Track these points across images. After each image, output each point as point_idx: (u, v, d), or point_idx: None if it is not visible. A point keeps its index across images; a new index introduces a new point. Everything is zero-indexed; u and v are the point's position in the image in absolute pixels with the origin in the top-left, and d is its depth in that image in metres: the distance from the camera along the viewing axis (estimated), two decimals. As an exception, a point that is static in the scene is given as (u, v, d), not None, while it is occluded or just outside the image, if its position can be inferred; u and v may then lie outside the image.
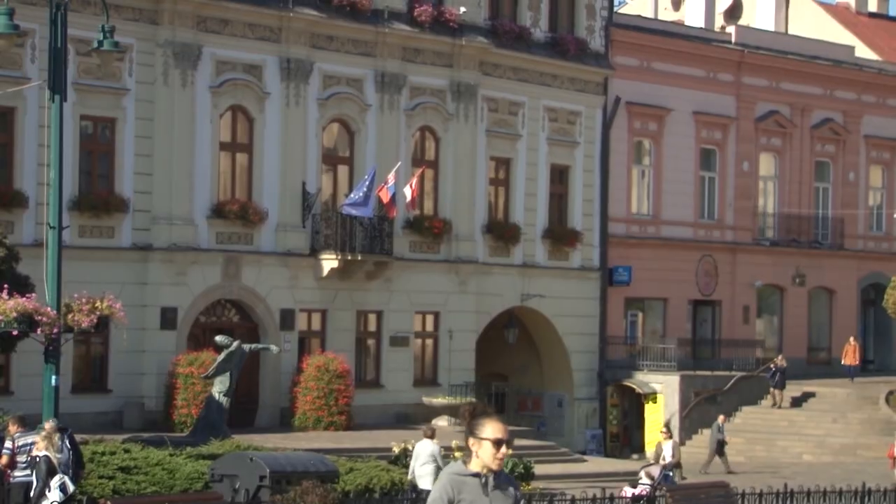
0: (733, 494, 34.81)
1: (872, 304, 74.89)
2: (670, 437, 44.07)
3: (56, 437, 28.97)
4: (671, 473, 40.72)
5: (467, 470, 9.82)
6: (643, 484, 39.18)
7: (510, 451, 10.24)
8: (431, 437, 40.28)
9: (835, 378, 69.14)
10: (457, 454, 40.75)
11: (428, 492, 37.28)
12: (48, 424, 30.01)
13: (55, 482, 27.65)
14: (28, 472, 28.93)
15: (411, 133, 59.29)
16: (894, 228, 77.89)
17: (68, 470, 29.30)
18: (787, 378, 67.34)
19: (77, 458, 32.25)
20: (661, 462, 41.43)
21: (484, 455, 9.79)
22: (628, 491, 38.54)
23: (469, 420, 10.02)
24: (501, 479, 9.90)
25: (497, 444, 9.75)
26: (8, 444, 30.20)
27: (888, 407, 65.82)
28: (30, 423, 33.07)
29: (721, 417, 58.58)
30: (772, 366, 65.09)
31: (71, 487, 28.08)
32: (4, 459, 30.12)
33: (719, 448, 55.64)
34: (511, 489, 9.96)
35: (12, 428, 32.45)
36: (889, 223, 77.78)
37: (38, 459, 28.51)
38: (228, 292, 54.59)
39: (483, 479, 9.78)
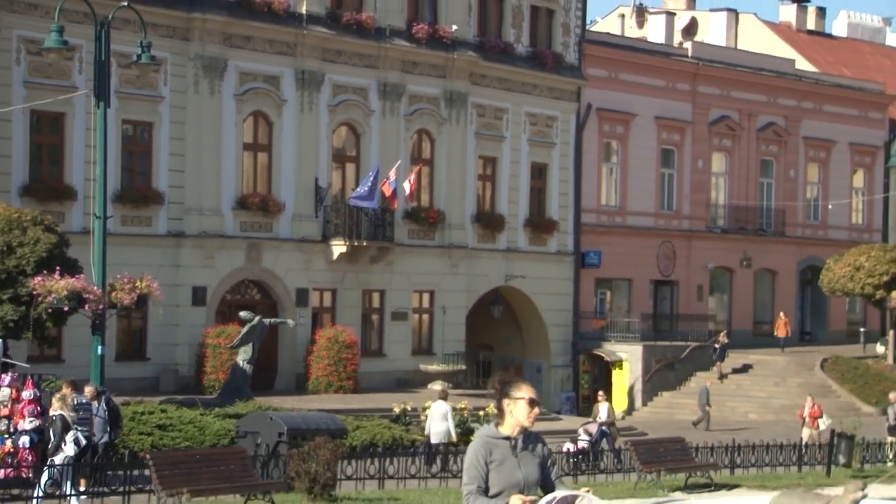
0: (689, 448, 34.68)
1: (809, 283, 75.00)
2: (606, 400, 43.85)
3: (70, 398, 28.81)
4: (607, 430, 40.51)
5: (498, 433, 9.79)
6: (582, 440, 39.07)
7: (540, 412, 10.02)
8: (445, 398, 40.73)
9: (776, 348, 69.12)
10: (464, 410, 40.68)
11: (441, 445, 37.10)
12: (66, 387, 29.85)
13: (69, 437, 27.47)
14: (85, 427, 28.79)
15: (410, 135, 59.08)
16: (829, 218, 77.86)
17: (96, 425, 29.22)
18: (734, 348, 67.80)
19: (114, 417, 32.19)
20: (598, 421, 41.24)
21: (518, 414, 9.76)
22: (569, 446, 38.42)
23: (500, 386, 9.98)
24: (530, 439, 9.86)
25: (531, 403, 9.74)
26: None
27: (822, 372, 65.93)
28: (79, 387, 32.95)
29: (709, 382, 58.52)
30: (716, 344, 65.10)
31: (83, 441, 27.85)
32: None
33: (706, 408, 55.71)
34: (539, 447, 9.91)
35: (66, 390, 32.36)
36: (824, 214, 77.84)
37: (53, 418, 28.30)
38: (251, 273, 54.47)
39: (513, 442, 9.76)
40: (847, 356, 69.04)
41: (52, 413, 28.31)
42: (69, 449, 27.27)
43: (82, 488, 28.51)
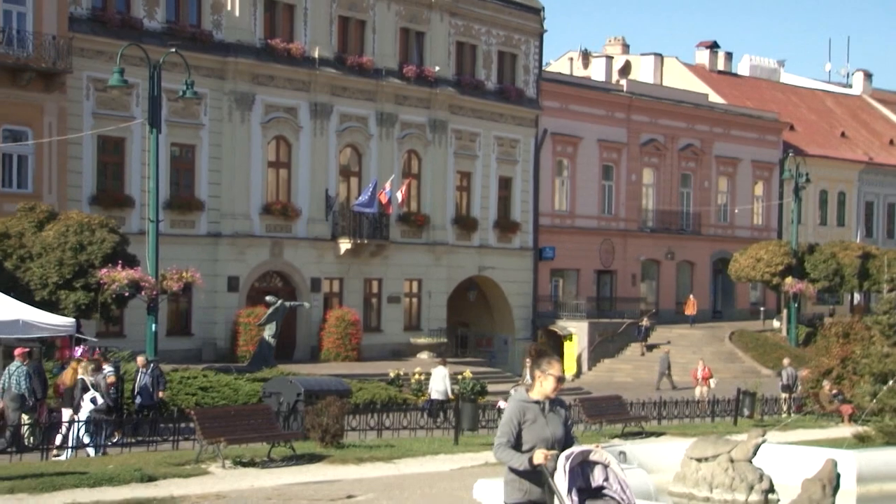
0: (625, 403, 34.65)
1: (720, 272, 75.05)
2: (439, 365, 43.25)
3: (91, 365, 28.62)
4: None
5: (530, 398, 9.94)
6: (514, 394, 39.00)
7: (562, 386, 10.08)
8: (444, 364, 40.70)
9: (694, 324, 69.28)
10: (467, 374, 40.47)
11: (441, 401, 36.89)
12: (95, 364, 29.70)
13: (87, 396, 27.31)
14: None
15: (401, 154, 58.96)
16: (735, 220, 77.97)
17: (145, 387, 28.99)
18: (662, 323, 68.11)
19: (158, 381, 32.12)
20: (525, 383, 40.88)
21: (546, 386, 9.88)
22: (503, 404, 38.11)
23: (535, 357, 10.16)
24: (555, 402, 9.97)
25: (559, 380, 9.86)
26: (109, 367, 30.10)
27: (730, 343, 66.14)
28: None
29: (665, 349, 58.35)
30: (640, 324, 65.20)
31: (100, 401, 27.55)
32: (112, 378, 29.85)
33: (668, 371, 55.70)
34: (561, 409, 10.04)
35: (140, 360, 32.33)
36: (732, 217, 77.95)
37: (76, 382, 28.16)
38: (274, 266, 54.33)
39: (541, 405, 9.87)
40: (750, 330, 69.22)
41: (77, 378, 28.19)
42: (86, 406, 27.18)
43: (115, 438, 28.62)
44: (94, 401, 27.23)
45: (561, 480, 9.36)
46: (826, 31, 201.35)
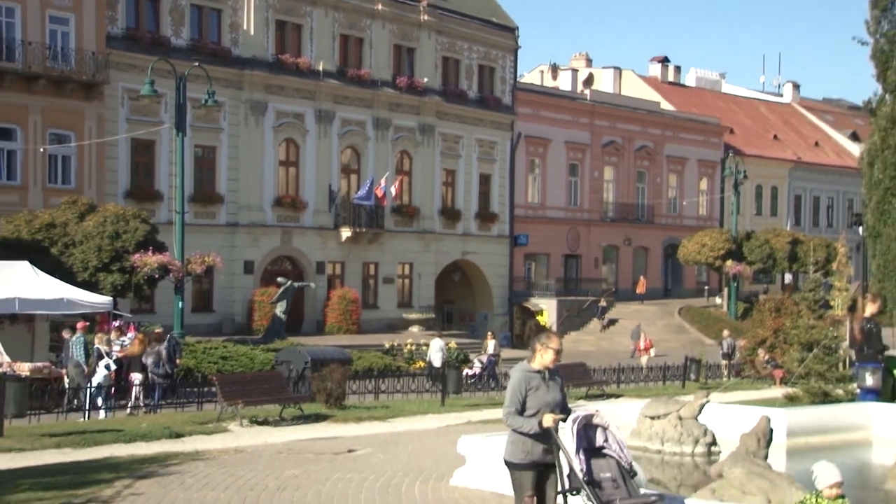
0: (588, 369, 34.63)
1: (670, 256, 75.07)
2: (494, 338, 43.19)
3: (107, 337, 28.77)
4: (494, 360, 39.99)
5: (532, 368, 9.93)
6: (476, 367, 38.79)
7: (560, 359, 10.11)
8: (440, 336, 40.79)
9: (649, 301, 69.36)
10: (452, 345, 40.54)
11: (438, 367, 36.54)
12: (113, 332, 29.68)
13: (102, 363, 27.28)
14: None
15: (395, 154, 58.91)
16: (683, 211, 78.01)
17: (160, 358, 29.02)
18: (621, 301, 68.20)
19: (175, 351, 31.96)
20: (487, 352, 40.58)
21: (546, 358, 9.88)
22: (468, 371, 38.15)
23: (537, 333, 10.23)
24: (553, 372, 9.96)
25: (557, 352, 9.87)
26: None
27: (679, 317, 66.28)
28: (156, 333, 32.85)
29: (639, 324, 58.32)
30: (598, 305, 65.21)
31: (114, 367, 27.57)
32: (134, 348, 29.83)
33: (638, 336, 55.38)
34: (558, 377, 10.05)
35: (112, 335, 32.19)
36: (680, 208, 77.98)
37: (93, 350, 28.16)
38: (284, 251, 54.29)
39: (543, 374, 9.87)
40: (696, 306, 69.37)
41: (95, 347, 28.15)
42: (100, 372, 27.11)
43: (153, 400, 28.57)
44: (107, 367, 27.18)
45: (569, 442, 9.35)
46: (760, 48, 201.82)
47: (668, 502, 10.10)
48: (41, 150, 44.35)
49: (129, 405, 27.99)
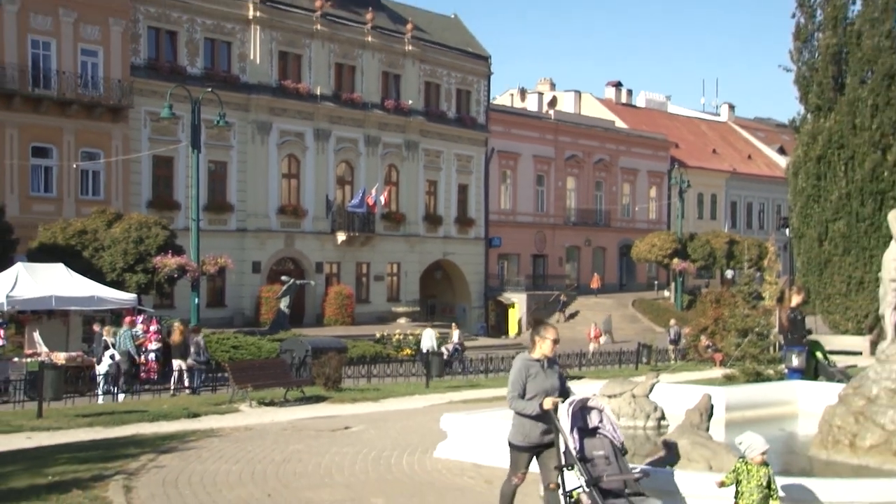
0: (554, 355, 34.49)
1: (624, 255, 75.12)
2: (457, 328, 42.92)
3: (114, 329, 28.38)
4: (459, 348, 39.56)
5: (532, 357, 9.79)
6: (445, 351, 38.46)
7: (557, 347, 10.02)
8: (432, 327, 41.10)
9: (602, 294, 69.39)
10: (423, 333, 40.37)
11: (428, 351, 36.41)
12: (126, 324, 29.57)
13: (107, 353, 27.00)
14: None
15: (383, 168, 58.92)
16: (635, 216, 78.13)
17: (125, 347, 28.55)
18: (582, 294, 68.28)
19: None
20: (452, 341, 40.24)
21: (545, 348, 9.76)
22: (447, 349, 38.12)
23: (535, 325, 10.08)
24: (552, 361, 9.84)
25: (554, 342, 9.76)
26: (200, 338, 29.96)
27: (633, 308, 66.31)
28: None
29: (608, 315, 58.16)
30: (560, 299, 65.21)
31: (118, 357, 27.15)
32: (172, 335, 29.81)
33: (610, 330, 55.55)
34: (556, 367, 9.92)
35: (179, 333, 32.14)
36: (633, 213, 78.13)
37: (100, 341, 28.06)
38: (287, 253, 54.23)
39: (541, 363, 9.74)
40: (647, 298, 69.43)
41: (103, 339, 27.87)
42: (105, 360, 26.87)
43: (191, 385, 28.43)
44: (112, 357, 27.02)
45: (564, 422, 9.28)
46: (701, 73, 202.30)
47: (654, 476, 10.03)
48: (74, 166, 44.62)
49: (172, 387, 27.97)
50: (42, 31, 44.22)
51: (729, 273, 66.68)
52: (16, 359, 28.29)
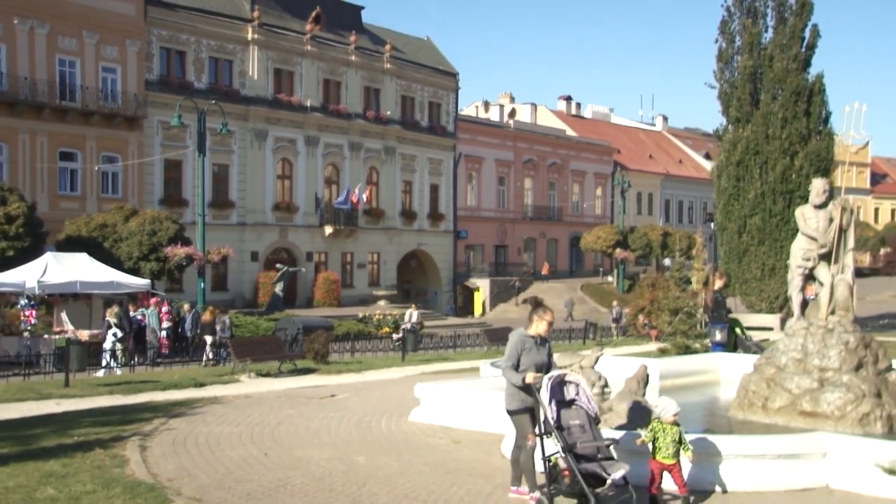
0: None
1: (574, 245, 75.13)
2: (417, 308, 42.42)
3: (116, 311, 27.75)
4: (417, 327, 38.31)
5: (528, 333, 9.68)
6: (402, 331, 37.76)
7: (551, 329, 9.92)
8: (415, 308, 40.70)
9: (556, 280, 69.59)
10: (413, 312, 40.15)
11: (412, 330, 36.22)
12: (131, 306, 29.41)
13: (110, 332, 26.60)
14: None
15: (365, 170, 58.71)
16: (584, 212, 78.35)
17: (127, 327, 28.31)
18: (538, 280, 68.21)
19: (197, 320, 31.66)
20: (410, 320, 39.73)
21: (540, 327, 9.67)
22: (394, 335, 37.32)
23: (534, 306, 9.97)
24: (544, 340, 9.73)
25: (549, 324, 9.67)
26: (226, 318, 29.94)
27: (581, 291, 66.38)
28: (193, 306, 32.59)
29: (570, 296, 58.02)
30: (515, 285, 65.15)
31: (120, 334, 26.79)
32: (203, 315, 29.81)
33: (571, 310, 55.41)
34: (546, 344, 9.81)
35: (185, 307, 32.00)
36: (581, 209, 78.29)
37: (104, 321, 27.93)
38: (282, 244, 53.93)
39: (536, 340, 9.66)
40: (593, 283, 69.53)
41: (106, 319, 27.54)
42: (109, 339, 26.59)
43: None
44: (115, 335, 26.79)
45: (544, 394, 9.19)
46: (639, 89, 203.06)
47: (624, 440, 10.02)
48: (96, 168, 44.54)
49: (203, 359, 27.88)
50: (68, 51, 44.02)
51: (667, 261, 67.12)
52: (45, 336, 28.35)
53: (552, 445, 9.17)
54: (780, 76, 36.47)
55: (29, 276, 28.33)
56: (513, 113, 79.48)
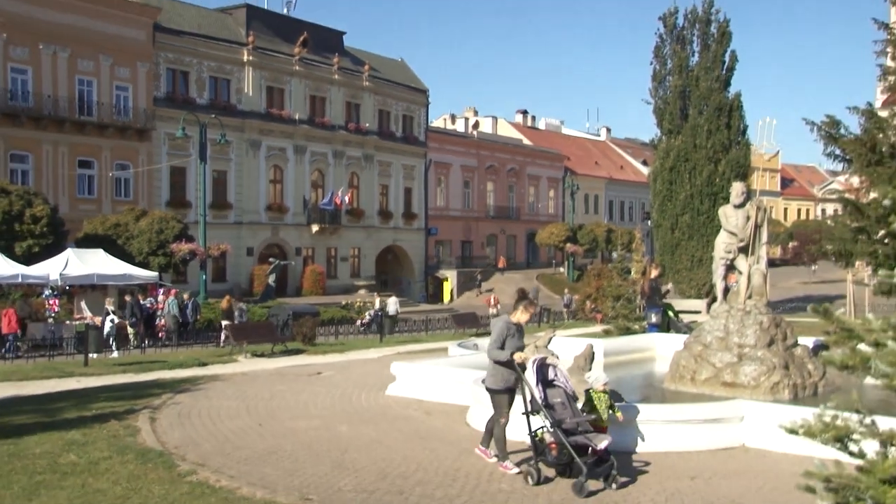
0: (479, 317, 34.69)
1: (531, 240, 75.17)
2: (391, 296, 41.70)
3: (112, 299, 27.48)
4: (380, 313, 36.46)
5: (513, 320, 9.55)
6: (367, 318, 37.10)
7: (532, 317, 9.78)
8: (396, 296, 41.11)
9: (517, 270, 69.57)
10: (388, 300, 39.93)
11: (392, 317, 35.74)
12: (127, 296, 29.19)
13: (108, 319, 26.28)
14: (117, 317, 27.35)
15: (347, 175, 58.48)
16: (539, 211, 78.42)
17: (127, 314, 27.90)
18: (497, 270, 68.13)
19: (196, 308, 31.50)
20: (374, 308, 38.98)
21: (524, 318, 9.58)
22: (360, 321, 36.95)
23: (520, 297, 9.80)
24: (521, 328, 9.60)
25: (531, 315, 9.67)
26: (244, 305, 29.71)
27: (537, 281, 66.18)
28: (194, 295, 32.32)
29: (536, 287, 58.01)
30: (477, 277, 65.13)
31: (116, 320, 26.43)
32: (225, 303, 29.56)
33: (536, 298, 54.88)
34: (523, 332, 9.69)
35: (186, 295, 31.72)
36: (536, 209, 78.33)
37: (229, 306, 27.83)
38: (274, 240, 53.53)
39: (518, 327, 9.54)
40: (547, 273, 69.37)
41: (106, 307, 27.18)
42: (107, 323, 26.25)
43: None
44: (112, 321, 26.47)
45: (531, 375, 9.06)
46: (586, 103, 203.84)
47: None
48: (110, 174, 44.19)
49: (221, 342, 27.61)
50: (86, 72, 43.72)
51: (615, 255, 67.54)
52: (67, 322, 28.26)
53: (537, 422, 9.03)
54: (704, 94, 36.88)
55: (52, 269, 28.25)
56: (476, 125, 79.53)
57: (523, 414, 9.07)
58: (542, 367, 9.18)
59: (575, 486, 8.51)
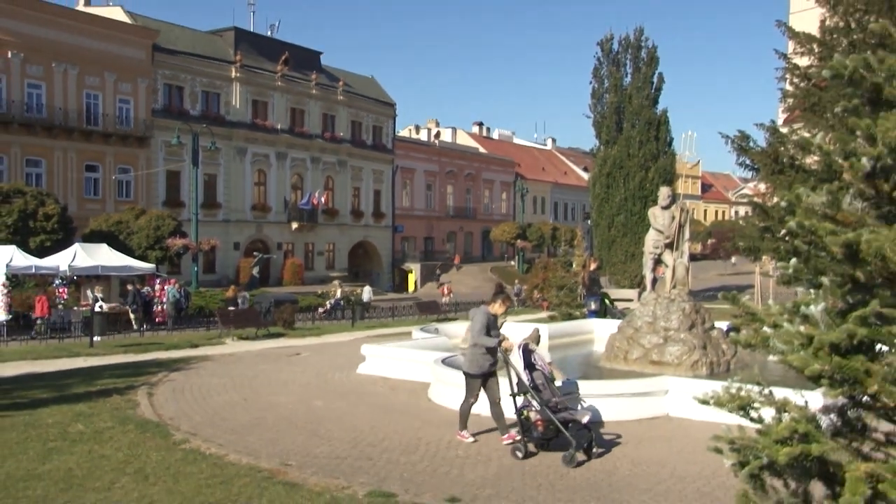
0: (439, 304, 34.62)
1: (486, 237, 75.09)
2: (366, 286, 40.99)
3: (99, 286, 26.82)
4: (340, 302, 35.42)
5: (492, 311, 9.37)
6: (328, 305, 35.66)
7: (510, 308, 9.67)
8: (370, 286, 40.67)
9: (473, 264, 69.56)
10: (357, 291, 39.28)
11: (366, 303, 35.08)
12: (128, 286, 28.88)
13: (97, 305, 24.88)
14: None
15: (324, 178, 58.11)
16: (492, 211, 78.55)
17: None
18: (455, 265, 68.09)
19: (188, 296, 31.17)
20: (335, 297, 38.05)
21: (499, 309, 9.40)
22: (321, 308, 35.37)
23: (498, 291, 9.72)
24: (495, 318, 9.41)
25: (508, 308, 9.52)
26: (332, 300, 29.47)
27: (491, 273, 66.30)
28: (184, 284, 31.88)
29: (518, 281, 57.90)
30: (437, 271, 65.08)
31: (106, 308, 25.48)
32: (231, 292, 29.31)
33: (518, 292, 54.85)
34: (501, 321, 9.60)
35: (176, 285, 31.30)
36: (491, 210, 78.41)
37: (234, 295, 27.46)
38: (258, 236, 53.03)
39: (497, 317, 9.39)
40: (500, 266, 69.29)
41: (91, 295, 26.45)
42: (96, 308, 25.09)
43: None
44: (100, 307, 26.06)
45: (517, 360, 8.95)
46: (534, 116, 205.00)
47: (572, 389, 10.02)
48: (113, 177, 43.78)
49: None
50: (93, 87, 43.29)
51: (559, 250, 67.91)
52: (75, 308, 28.07)
53: (520, 401, 8.84)
54: (636, 110, 37.25)
55: (62, 261, 28.19)
56: (438, 135, 79.46)
57: (510, 395, 8.89)
58: (524, 353, 9.08)
59: (565, 458, 8.36)
